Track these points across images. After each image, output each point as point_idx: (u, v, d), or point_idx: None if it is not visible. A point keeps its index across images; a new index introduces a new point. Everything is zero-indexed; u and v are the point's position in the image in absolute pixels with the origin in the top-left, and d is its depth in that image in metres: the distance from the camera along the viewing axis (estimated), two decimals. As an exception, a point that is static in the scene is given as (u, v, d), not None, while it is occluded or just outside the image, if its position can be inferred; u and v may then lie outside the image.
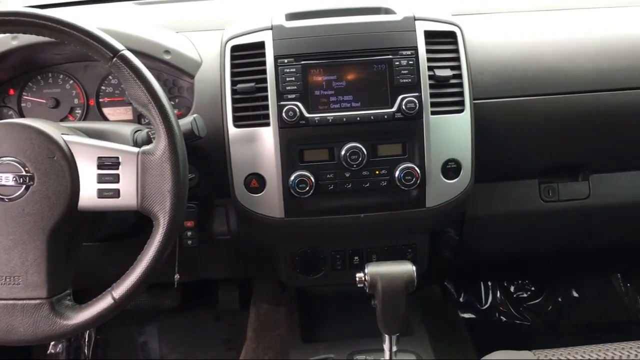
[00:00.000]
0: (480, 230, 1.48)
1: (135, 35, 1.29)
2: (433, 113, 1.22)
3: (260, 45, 1.24)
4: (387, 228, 1.32)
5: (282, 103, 1.20)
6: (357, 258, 1.39)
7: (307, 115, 1.20)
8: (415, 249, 1.40)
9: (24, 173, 0.99)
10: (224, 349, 1.99)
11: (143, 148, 1.00)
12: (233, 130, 1.22)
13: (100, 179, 0.99)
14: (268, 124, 1.21)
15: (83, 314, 0.99)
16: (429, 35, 1.25)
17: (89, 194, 1.00)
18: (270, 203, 1.24)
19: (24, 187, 0.99)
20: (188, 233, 1.30)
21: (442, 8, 1.37)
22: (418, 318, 1.57)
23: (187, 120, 1.16)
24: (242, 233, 1.39)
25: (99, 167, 1.00)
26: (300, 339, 1.56)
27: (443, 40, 1.27)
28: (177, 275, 1.32)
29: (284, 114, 1.19)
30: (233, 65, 1.24)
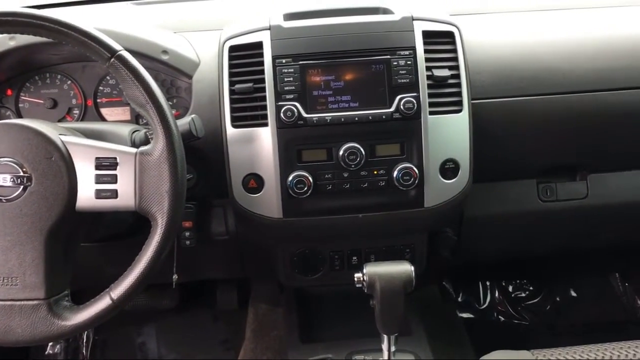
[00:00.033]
0: (479, 230, 1.48)
1: (133, 36, 1.29)
2: (431, 113, 1.22)
3: (258, 46, 1.23)
4: (385, 228, 1.32)
5: (280, 103, 1.20)
6: (355, 258, 1.39)
7: (305, 116, 1.20)
8: (414, 249, 1.40)
9: (22, 174, 0.99)
10: (222, 349, 1.99)
11: (141, 148, 1.00)
12: (231, 131, 1.22)
13: (98, 180, 0.99)
14: (266, 124, 1.21)
15: (81, 315, 0.99)
16: (427, 35, 1.25)
17: (87, 195, 1.00)
18: (269, 203, 1.24)
19: (22, 187, 0.99)
20: (186, 233, 1.30)
21: (440, 8, 1.37)
22: (416, 318, 1.57)
23: (185, 121, 1.16)
24: (240, 233, 1.38)
25: (97, 167, 0.99)
26: (299, 339, 1.56)
27: (441, 40, 1.27)
28: (175, 276, 1.32)
29: (282, 114, 1.19)
30: (231, 66, 1.24)
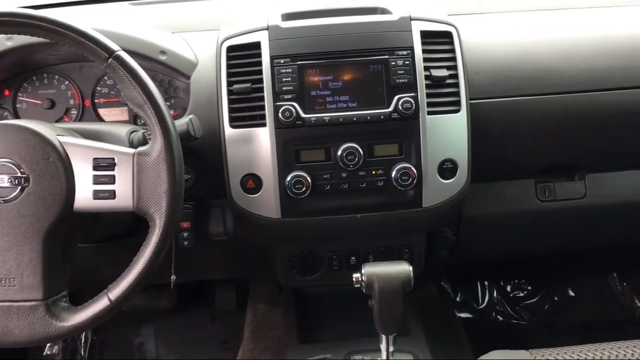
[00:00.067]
0: (477, 230, 1.48)
1: (131, 36, 1.29)
2: (429, 113, 1.22)
3: (256, 46, 1.23)
4: (383, 228, 1.32)
5: (278, 103, 1.20)
6: (353, 258, 1.39)
7: (303, 116, 1.20)
8: (412, 249, 1.40)
9: (19, 174, 0.98)
10: (221, 350, 1.99)
11: (139, 149, 1.00)
12: (229, 131, 1.22)
13: (96, 180, 0.99)
14: (264, 125, 1.21)
15: (79, 316, 0.99)
16: (425, 36, 1.25)
17: (85, 195, 0.99)
18: (267, 203, 1.23)
19: (19, 188, 0.98)
20: (184, 234, 1.30)
21: (438, 8, 1.37)
22: (415, 318, 1.57)
23: (183, 121, 1.15)
24: (238, 234, 1.38)
25: (95, 168, 0.99)
26: (297, 340, 1.55)
27: (439, 40, 1.27)
28: (173, 276, 1.31)
29: (280, 115, 1.19)
30: (229, 66, 1.24)
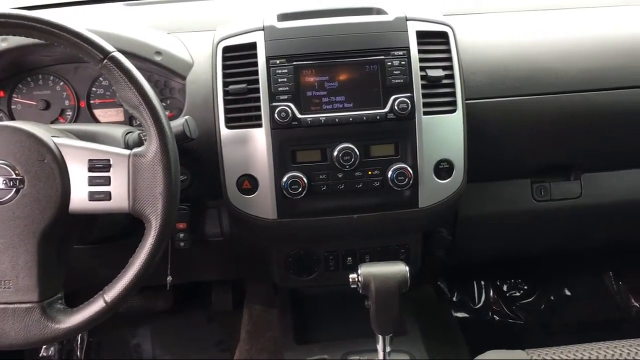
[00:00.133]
0: (473, 230, 1.48)
1: (126, 37, 1.28)
2: (425, 113, 1.22)
3: (252, 46, 1.23)
4: (380, 228, 1.32)
5: (274, 104, 1.20)
6: (350, 259, 1.39)
7: (299, 116, 1.20)
8: (408, 249, 1.40)
9: (14, 176, 0.98)
10: (217, 351, 1.99)
11: (134, 150, 1.00)
12: (225, 132, 1.22)
13: (91, 182, 0.99)
14: (260, 125, 1.21)
15: (75, 318, 0.99)
16: (421, 36, 1.25)
17: (80, 197, 0.99)
18: (263, 204, 1.23)
19: (14, 190, 0.98)
20: (180, 235, 1.30)
21: (433, 8, 1.37)
22: (411, 318, 1.57)
23: (178, 122, 1.15)
24: (234, 234, 1.38)
25: (90, 169, 0.99)
26: (294, 340, 1.55)
27: (435, 41, 1.27)
28: (169, 277, 1.31)
29: (276, 115, 1.19)
30: (225, 67, 1.24)
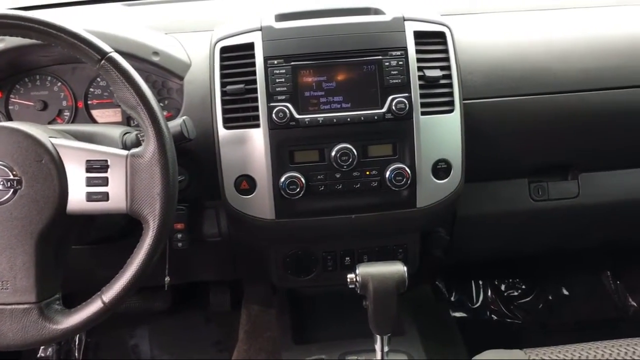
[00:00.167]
0: (471, 230, 1.48)
1: (124, 37, 1.28)
2: (423, 113, 1.22)
3: (250, 47, 1.23)
4: (378, 228, 1.32)
5: (272, 104, 1.20)
6: (348, 259, 1.39)
7: (297, 117, 1.20)
8: (406, 249, 1.40)
9: (12, 177, 0.98)
10: (215, 351, 1.99)
11: (132, 151, 1.00)
12: (223, 132, 1.22)
13: (89, 182, 0.99)
14: (258, 126, 1.21)
15: (72, 318, 0.99)
16: (419, 36, 1.25)
17: (78, 198, 0.99)
18: (261, 204, 1.23)
19: (12, 191, 0.98)
20: (178, 235, 1.29)
21: (431, 8, 1.37)
22: (409, 318, 1.58)
23: (176, 123, 1.15)
24: (232, 235, 1.38)
25: (88, 170, 0.99)
26: (292, 340, 1.55)
27: (432, 41, 1.27)
28: (167, 278, 1.31)
29: (274, 115, 1.19)
30: (222, 67, 1.24)
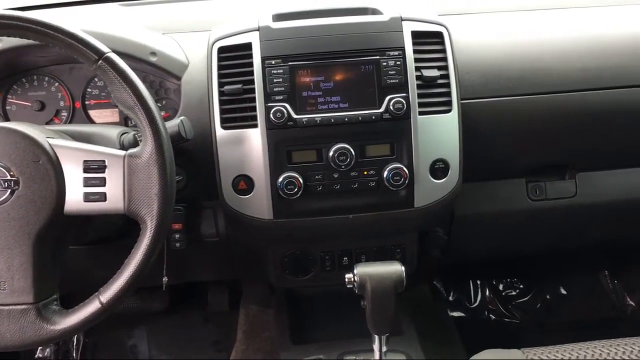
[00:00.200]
0: (469, 230, 1.48)
1: (121, 37, 1.28)
2: (421, 113, 1.22)
3: (247, 47, 1.23)
4: (375, 228, 1.32)
5: (269, 104, 1.20)
6: (346, 259, 1.39)
7: (294, 117, 1.20)
8: (404, 249, 1.40)
9: (9, 177, 0.98)
10: (214, 351, 1.99)
11: (129, 151, 0.99)
12: (221, 132, 1.22)
13: (87, 183, 0.99)
14: (256, 126, 1.21)
15: (70, 319, 0.99)
16: (416, 36, 1.25)
17: (75, 198, 0.99)
18: (259, 204, 1.23)
19: (9, 191, 0.98)
20: (176, 235, 1.29)
21: (428, 8, 1.38)
22: (407, 318, 1.58)
23: (174, 123, 1.15)
24: (230, 235, 1.38)
25: (85, 170, 0.99)
26: (290, 340, 1.56)
27: (430, 41, 1.27)
28: (165, 278, 1.31)
29: (272, 115, 1.19)
30: (220, 67, 1.24)
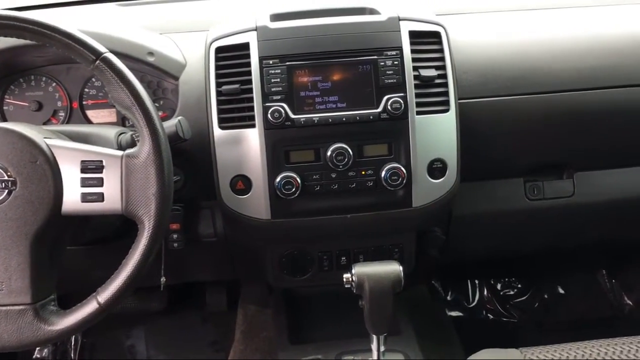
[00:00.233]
0: (467, 229, 1.49)
1: (118, 37, 1.28)
2: (418, 113, 1.22)
3: (245, 47, 1.23)
4: (373, 228, 1.32)
5: (267, 104, 1.20)
6: (344, 259, 1.39)
7: (292, 117, 1.20)
8: (402, 249, 1.40)
9: (6, 178, 0.98)
10: (212, 351, 1.98)
11: (127, 151, 0.99)
12: (218, 132, 1.22)
13: (84, 183, 0.98)
14: (253, 126, 1.21)
15: (68, 320, 0.99)
16: (414, 36, 1.25)
17: (73, 198, 0.99)
18: (257, 204, 1.23)
19: (6, 192, 0.97)
20: (174, 236, 1.29)
21: (426, 8, 1.38)
22: (405, 317, 1.58)
23: (171, 123, 1.15)
24: (228, 235, 1.38)
25: (83, 170, 0.99)
26: (288, 340, 1.55)
27: (428, 40, 1.27)
28: (163, 278, 1.31)
29: (270, 115, 1.19)
30: (218, 67, 1.24)
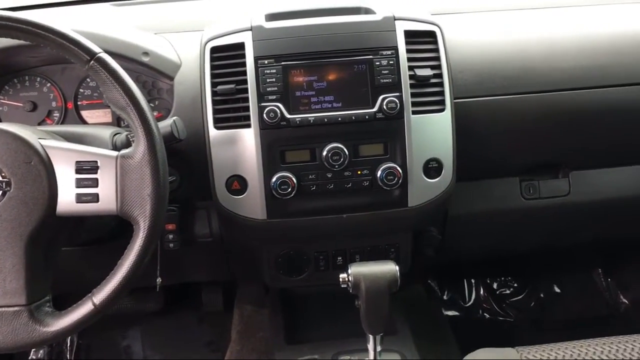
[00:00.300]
0: (463, 229, 1.49)
1: (113, 37, 1.27)
2: (414, 113, 1.22)
3: (240, 46, 1.23)
4: (369, 228, 1.32)
5: (262, 104, 1.20)
6: (340, 259, 1.39)
7: (288, 116, 1.20)
8: (398, 249, 1.40)
9: (0, 179, 0.97)
10: (208, 351, 1.98)
11: (122, 152, 0.99)
12: (214, 132, 1.22)
13: (79, 184, 0.98)
14: (249, 126, 1.21)
15: (63, 321, 0.98)
16: (409, 35, 1.25)
17: (68, 199, 0.99)
18: (252, 205, 1.23)
19: (1, 192, 0.97)
20: (169, 236, 1.29)
21: (421, 8, 1.38)
22: (402, 317, 1.58)
23: (166, 123, 1.15)
24: (224, 235, 1.38)
25: (77, 171, 0.98)
26: (285, 341, 1.55)
27: (423, 40, 1.27)
28: (159, 279, 1.31)
29: (265, 115, 1.19)
30: (213, 67, 1.24)
